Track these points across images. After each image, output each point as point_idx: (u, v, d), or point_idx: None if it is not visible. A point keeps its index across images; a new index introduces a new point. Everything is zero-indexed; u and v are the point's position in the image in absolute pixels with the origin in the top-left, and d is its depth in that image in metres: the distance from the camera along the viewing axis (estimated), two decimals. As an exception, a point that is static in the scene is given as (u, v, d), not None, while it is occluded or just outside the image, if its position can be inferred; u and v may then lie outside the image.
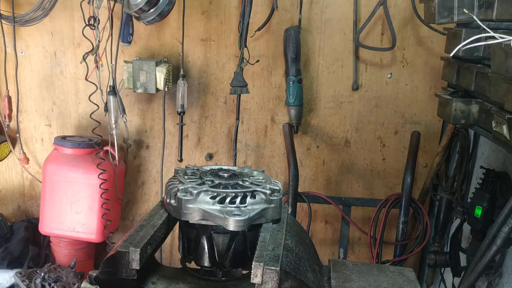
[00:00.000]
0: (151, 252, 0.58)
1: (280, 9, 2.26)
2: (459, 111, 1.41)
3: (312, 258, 0.65)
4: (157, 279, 0.59)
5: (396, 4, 2.24)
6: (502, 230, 1.33)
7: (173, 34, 2.38)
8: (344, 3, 2.28)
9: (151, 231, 0.57)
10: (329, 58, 2.36)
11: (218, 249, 0.61)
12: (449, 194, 2.16)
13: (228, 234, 0.61)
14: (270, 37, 2.35)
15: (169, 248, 2.67)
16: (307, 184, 2.53)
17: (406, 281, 0.65)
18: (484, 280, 1.82)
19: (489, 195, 1.69)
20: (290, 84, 2.31)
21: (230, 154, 2.50)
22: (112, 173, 2.32)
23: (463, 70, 1.44)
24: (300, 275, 0.56)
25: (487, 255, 1.38)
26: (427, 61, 2.30)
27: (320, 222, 2.59)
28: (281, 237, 0.59)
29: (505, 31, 1.19)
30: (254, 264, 0.51)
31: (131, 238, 0.55)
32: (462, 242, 2.06)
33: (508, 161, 1.78)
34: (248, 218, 0.56)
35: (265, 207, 0.61)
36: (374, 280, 0.64)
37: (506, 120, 1.14)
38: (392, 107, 2.39)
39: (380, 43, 2.31)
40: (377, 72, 2.35)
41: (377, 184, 2.51)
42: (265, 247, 0.55)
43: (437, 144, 2.36)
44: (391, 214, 2.34)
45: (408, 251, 2.30)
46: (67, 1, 2.34)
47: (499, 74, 1.15)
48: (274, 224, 0.63)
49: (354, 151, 2.48)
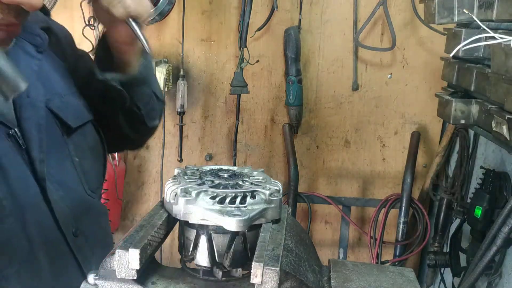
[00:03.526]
0: (151, 252, 0.58)
1: (280, 9, 2.26)
2: (459, 111, 1.41)
3: (312, 258, 0.65)
4: (157, 279, 0.59)
5: (396, 4, 2.24)
6: (502, 230, 1.33)
7: (173, 34, 2.38)
8: (344, 3, 2.28)
9: (151, 231, 0.57)
10: (329, 58, 2.36)
11: (218, 249, 0.61)
12: (449, 194, 2.16)
13: (228, 234, 0.61)
14: (270, 37, 2.35)
15: (169, 248, 2.66)
16: (307, 184, 2.53)
17: (406, 281, 0.65)
18: (484, 280, 1.82)
19: (489, 195, 1.69)
20: (290, 84, 2.31)
21: (230, 154, 2.50)
22: (112, 173, 2.32)
23: (463, 70, 1.44)
24: (300, 275, 0.55)
25: (487, 255, 1.38)
26: (427, 61, 2.30)
27: (320, 222, 2.59)
28: (281, 237, 0.59)
29: (505, 31, 1.19)
30: (254, 264, 0.51)
31: (131, 238, 0.55)
32: (462, 242, 2.06)
33: (508, 161, 1.78)
34: (248, 218, 0.56)
35: (265, 207, 0.61)
36: (374, 280, 0.64)
37: (506, 120, 1.14)
38: (392, 107, 2.39)
39: (380, 43, 2.31)
40: (377, 72, 2.35)
41: (377, 184, 2.51)
42: (265, 247, 0.55)
43: (437, 144, 2.36)
44: (391, 214, 2.34)
45: (408, 251, 2.30)
46: (67, 1, 2.34)
47: (499, 74, 1.15)
48: (274, 224, 0.63)
49: (354, 151, 2.48)
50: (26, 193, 0.76)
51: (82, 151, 0.91)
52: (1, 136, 0.75)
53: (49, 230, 0.80)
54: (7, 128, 0.76)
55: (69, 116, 0.88)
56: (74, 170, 0.90)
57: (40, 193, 0.79)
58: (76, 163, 0.90)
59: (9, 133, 0.76)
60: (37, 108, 0.82)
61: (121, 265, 0.53)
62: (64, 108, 0.88)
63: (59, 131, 0.86)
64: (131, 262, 0.53)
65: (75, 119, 0.90)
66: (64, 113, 0.87)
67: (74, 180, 0.90)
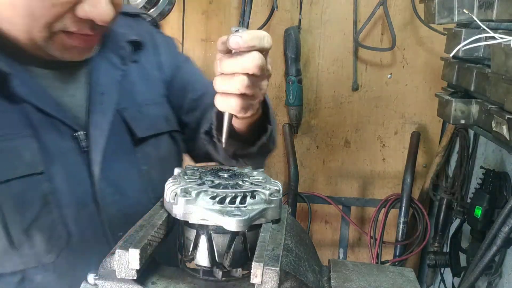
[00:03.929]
0: (151, 252, 0.58)
1: (280, 9, 2.26)
2: (459, 111, 1.41)
3: (312, 258, 0.65)
4: (157, 279, 0.59)
5: (396, 4, 2.24)
6: (502, 230, 1.33)
7: (173, 34, 2.37)
8: (344, 3, 2.28)
9: (151, 231, 0.57)
10: (329, 58, 2.36)
11: (218, 249, 0.61)
12: (449, 194, 2.15)
13: (228, 234, 0.61)
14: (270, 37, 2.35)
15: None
16: (307, 184, 2.53)
17: (406, 281, 0.65)
18: (484, 280, 1.82)
19: (489, 195, 1.69)
20: (290, 84, 2.31)
21: (230, 154, 2.50)
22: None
23: (463, 70, 1.44)
24: (300, 275, 0.56)
25: (487, 255, 1.38)
26: (427, 61, 2.30)
27: (320, 222, 2.59)
28: (281, 237, 0.59)
29: (505, 31, 1.19)
30: (254, 264, 0.51)
31: (131, 238, 0.55)
32: (462, 242, 2.06)
33: (508, 161, 1.78)
34: (248, 218, 0.56)
35: (265, 207, 0.61)
36: (374, 280, 0.64)
37: (506, 120, 1.14)
38: (392, 107, 2.39)
39: (380, 43, 2.31)
40: (377, 72, 2.35)
41: (377, 184, 2.51)
42: (265, 247, 0.55)
43: (437, 144, 2.36)
44: (391, 214, 2.34)
45: (408, 251, 2.30)
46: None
47: (499, 74, 1.15)
48: (274, 224, 0.63)
49: (354, 151, 2.48)
50: (76, 190, 0.82)
51: (151, 160, 0.95)
52: (66, 137, 0.83)
53: (92, 229, 0.85)
54: (73, 131, 0.84)
55: (139, 126, 0.93)
56: (140, 178, 0.93)
57: (91, 193, 0.84)
58: (143, 171, 0.93)
59: (73, 135, 0.84)
60: (106, 115, 0.88)
61: (121, 265, 0.53)
62: (137, 118, 0.93)
63: (129, 139, 0.92)
64: (131, 262, 0.53)
65: (145, 130, 0.94)
66: (135, 123, 0.92)
67: (137, 187, 0.92)
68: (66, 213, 0.81)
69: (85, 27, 0.77)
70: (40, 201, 0.78)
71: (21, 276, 0.79)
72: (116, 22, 0.87)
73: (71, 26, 0.76)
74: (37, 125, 0.80)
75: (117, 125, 0.90)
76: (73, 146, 0.83)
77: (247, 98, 0.71)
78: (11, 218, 0.76)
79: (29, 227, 0.77)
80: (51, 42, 0.77)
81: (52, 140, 0.81)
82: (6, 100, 0.78)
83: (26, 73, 0.82)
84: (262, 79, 0.73)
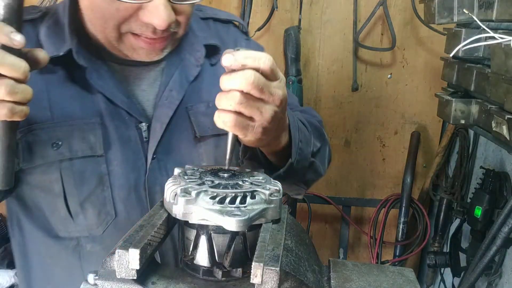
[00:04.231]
0: (151, 252, 0.58)
1: (280, 9, 2.26)
2: (459, 111, 1.41)
3: (312, 258, 0.65)
4: (157, 279, 0.59)
5: (396, 4, 2.24)
6: (502, 230, 1.33)
7: (173, 34, 2.38)
8: (344, 3, 2.28)
9: (151, 231, 0.57)
10: (329, 58, 2.36)
11: (218, 249, 0.61)
12: (449, 194, 2.15)
13: (228, 234, 0.61)
14: (270, 37, 2.35)
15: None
16: (307, 184, 2.53)
17: (406, 281, 0.65)
18: (484, 280, 1.82)
19: (489, 195, 1.69)
20: (290, 84, 2.31)
21: (230, 154, 2.50)
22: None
23: (463, 70, 1.44)
24: (300, 275, 0.56)
25: (487, 255, 1.38)
26: (427, 61, 2.30)
27: (320, 222, 2.59)
28: (281, 237, 0.59)
29: (505, 31, 1.19)
30: (254, 264, 0.51)
31: (131, 238, 0.55)
32: (462, 242, 2.06)
33: (508, 161, 1.78)
34: (248, 218, 0.56)
35: (265, 207, 0.61)
36: (374, 280, 0.64)
37: (506, 120, 1.14)
38: (392, 107, 2.39)
39: (380, 43, 2.31)
40: (377, 72, 2.35)
41: (377, 184, 2.51)
42: (265, 247, 0.55)
43: (437, 144, 2.36)
44: (391, 214, 2.34)
45: (408, 251, 2.30)
46: (67, 1, 2.34)
47: (499, 74, 1.15)
48: (274, 224, 0.63)
49: (354, 151, 2.48)
50: (130, 175, 0.92)
51: (211, 157, 1.01)
52: (131, 127, 0.93)
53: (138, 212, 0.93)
54: (138, 122, 0.93)
55: (200, 124, 0.99)
56: None
57: (144, 180, 0.93)
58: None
59: (137, 125, 0.93)
60: (169, 110, 0.95)
61: (121, 265, 0.53)
62: (201, 116, 0.99)
63: (191, 136, 0.99)
64: (131, 262, 0.53)
65: (206, 129, 0.99)
66: (197, 121, 0.99)
67: None
68: (116, 193, 0.91)
69: (147, 30, 0.83)
70: (96, 180, 0.90)
71: (76, 242, 0.92)
72: (193, 27, 1.00)
73: (136, 29, 0.83)
74: (104, 114, 0.91)
75: (182, 121, 0.97)
76: (135, 135, 0.93)
77: (244, 117, 0.70)
78: (70, 191, 0.89)
79: (84, 201, 0.89)
80: (122, 42, 0.87)
81: (117, 128, 0.92)
82: (84, 90, 0.91)
83: (104, 67, 0.92)
84: (263, 102, 0.70)
